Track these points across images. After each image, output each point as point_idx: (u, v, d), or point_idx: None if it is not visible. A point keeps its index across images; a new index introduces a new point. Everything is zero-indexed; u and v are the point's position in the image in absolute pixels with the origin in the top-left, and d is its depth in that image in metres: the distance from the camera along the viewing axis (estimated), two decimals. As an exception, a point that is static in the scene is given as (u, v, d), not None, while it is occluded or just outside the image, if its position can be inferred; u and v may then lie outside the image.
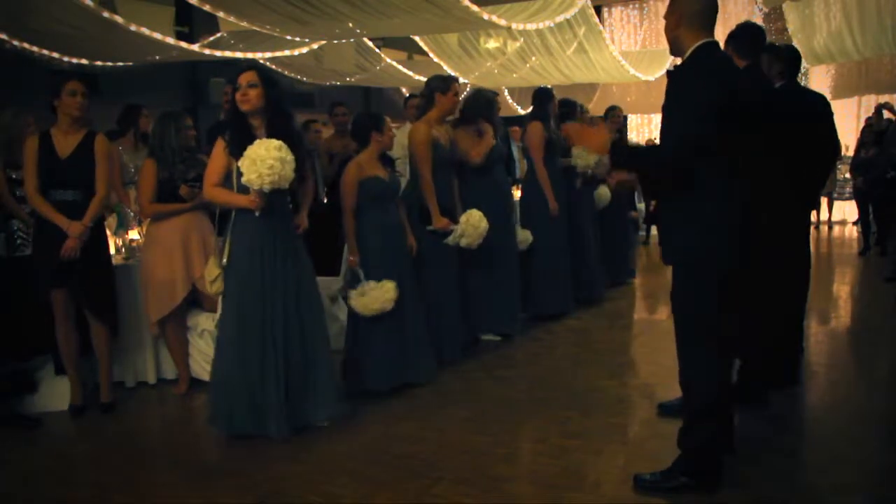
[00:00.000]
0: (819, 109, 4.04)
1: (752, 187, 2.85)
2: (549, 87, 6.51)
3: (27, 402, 4.13)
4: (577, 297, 6.26)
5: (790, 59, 4.09)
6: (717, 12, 2.88)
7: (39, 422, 3.95)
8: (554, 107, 6.03)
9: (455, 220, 4.69)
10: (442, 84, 4.71)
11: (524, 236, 5.69)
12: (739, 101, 2.76)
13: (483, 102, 5.29)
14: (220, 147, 3.64)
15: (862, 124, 10.51)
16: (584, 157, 6.05)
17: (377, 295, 4.10)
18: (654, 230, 10.76)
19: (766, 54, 3.94)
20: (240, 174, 3.46)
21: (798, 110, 3.91)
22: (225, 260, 3.64)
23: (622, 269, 7.44)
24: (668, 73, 2.90)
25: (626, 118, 14.00)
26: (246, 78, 3.58)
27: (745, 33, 3.80)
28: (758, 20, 12.77)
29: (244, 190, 3.53)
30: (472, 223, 4.68)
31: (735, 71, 2.91)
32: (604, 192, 6.84)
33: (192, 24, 9.46)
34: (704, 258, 2.82)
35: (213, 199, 3.76)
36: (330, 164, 6.09)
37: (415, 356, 4.35)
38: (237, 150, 3.51)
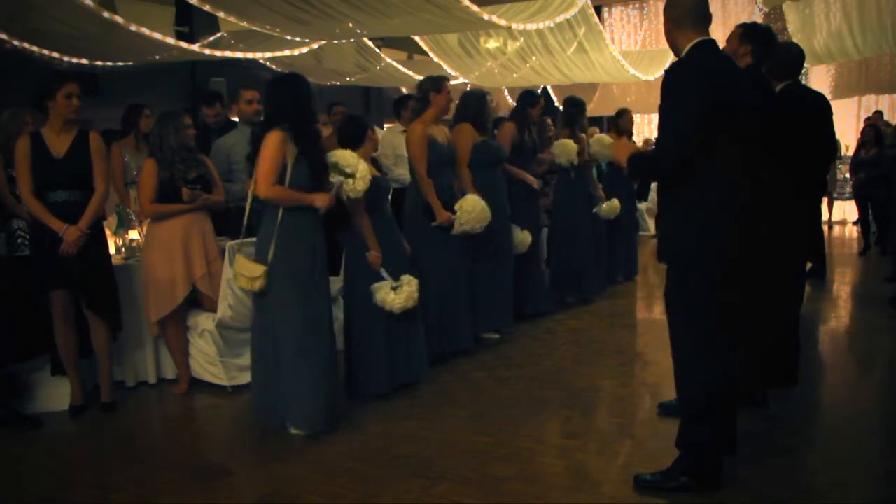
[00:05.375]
0: (818, 109, 4.02)
1: (752, 188, 2.85)
2: (536, 91, 6.50)
3: (27, 402, 4.12)
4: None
5: (792, 58, 4.08)
6: (706, 10, 2.90)
7: (39, 422, 3.95)
8: (535, 112, 6.03)
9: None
10: (435, 84, 4.79)
11: (523, 237, 5.66)
12: (735, 101, 2.76)
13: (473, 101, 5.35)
14: (278, 144, 3.56)
15: (862, 124, 10.51)
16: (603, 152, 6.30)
17: (407, 293, 4.11)
18: (653, 229, 10.76)
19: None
20: (303, 171, 3.59)
21: (797, 111, 3.89)
22: (270, 257, 3.61)
23: (626, 268, 7.45)
24: (665, 72, 2.92)
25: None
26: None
27: (757, 32, 3.75)
28: (758, 20, 12.77)
29: (297, 187, 3.59)
30: (466, 209, 4.74)
31: (730, 70, 2.90)
32: (614, 204, 6.82)
33: (192, 24, 9.48)
34: (700, 258, 2.82)
35: (278, 199, 3.57)
36: None
37: (411, 356, 4.34)
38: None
